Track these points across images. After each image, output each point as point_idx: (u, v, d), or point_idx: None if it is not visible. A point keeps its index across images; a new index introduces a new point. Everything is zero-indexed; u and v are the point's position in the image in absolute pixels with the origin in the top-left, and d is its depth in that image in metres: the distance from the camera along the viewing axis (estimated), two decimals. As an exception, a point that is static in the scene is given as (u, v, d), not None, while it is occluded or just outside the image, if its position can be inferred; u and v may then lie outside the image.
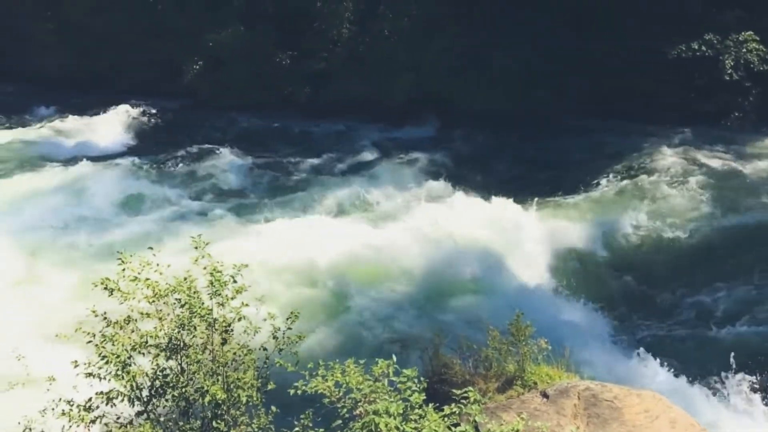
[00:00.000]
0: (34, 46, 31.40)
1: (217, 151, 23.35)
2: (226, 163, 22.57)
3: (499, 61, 24.73)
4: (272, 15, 28.06)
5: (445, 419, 5.28)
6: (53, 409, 6.90)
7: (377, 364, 5.79)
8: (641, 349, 12.41)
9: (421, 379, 5.63)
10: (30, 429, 6.92)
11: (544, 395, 8.53)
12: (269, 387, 7.32)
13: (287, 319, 7.58)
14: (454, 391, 5.50)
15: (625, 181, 20.07)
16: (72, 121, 26.48)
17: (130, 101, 27.70)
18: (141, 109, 27.27)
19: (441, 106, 25.38)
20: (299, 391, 5.90)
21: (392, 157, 22.07)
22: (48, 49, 30.99)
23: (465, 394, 5.38)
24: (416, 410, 5.30)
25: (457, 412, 5.32)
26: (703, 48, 23.72)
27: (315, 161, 22.65)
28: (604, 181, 20.11)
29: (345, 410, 5.54)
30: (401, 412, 5.22)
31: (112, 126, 25.79)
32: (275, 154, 23.41)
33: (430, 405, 5.41)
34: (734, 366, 11.59)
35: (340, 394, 5.66)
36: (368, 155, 22.63)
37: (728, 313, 14.04)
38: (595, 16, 24.00)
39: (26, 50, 31.58)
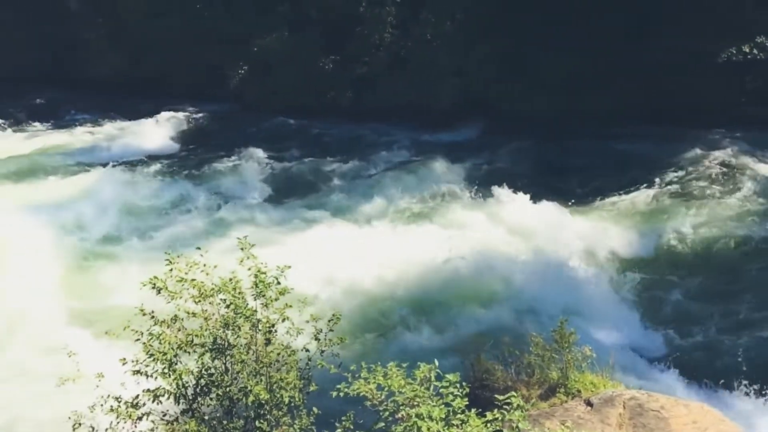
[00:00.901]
0: (86, 51, 32.35)
1: (261, 155, 23.66)
2: (270, 166, 22.86)
3: (544, 66, 24.47)
4: (316, 20, 28.36)
5: (488, 425, 5.23)
6: (102, 405, 7.07)
7: (419, 368, 5.77)
8: (689, 360, 12.10)
9: (464, 384, 5.59)
10: (79, 424, 7.08)
11: (588, 404, 8.38)
12: (311, 388, 7.37)
13: (329, 321, 7.64)
14: (497, 396, 5.44)
15: (672, 187, 19.62)
16: (122, 125, 27.19)
17: (178, 105, 28.31)
18: (188, 113, 27.84)
19: (485, 110, 25.21)
20: (341, 393, 5.91)
21: (435, 162, 21.98)
22: (100, 53, 31.89)
23: (508, 400, 5.31)
24: (458, 415, 5.26)
25: (499, 418, 5.26)
26: (755, 51, 23.10)
27: (357, 165, 22.72)
28: (650, 187, 19.68)
29: (387, 413, 5.53)
30: (443, 416, 5.19)
31: (161, 129, 26.39)
32: (318, 159, 23.57)
33: (473, 410, 5.36)
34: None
35: (382, 397, 5.65)
36: (411, 160, 22.60)
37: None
38: (643, 20, 23.55)
39: (79, 55, 32.56)
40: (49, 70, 32.84)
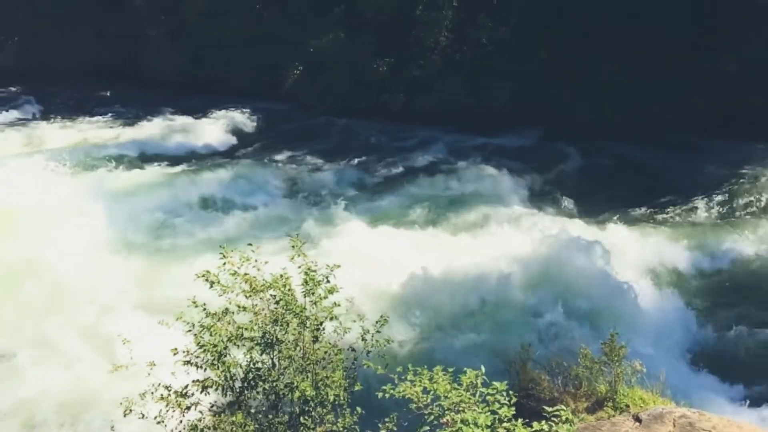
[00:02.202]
0: (150, 49, 33.29)
1: (312, 154, 23.92)
2: (321, 166, 23.09)
3: (606, 72, 24.04)
4: (372, 22, 28.53)
5: (534, 436, 5.14)
6: (152, 393, 7.23)
7: (465, 373, 5.72)
8: (744, 380, 11.69)
9: (511, 392, 5.52)
10: (130, 410, 7.26)
11: (637, 419, 8.17)
12: (356, 388, 7.40)
13: (376, 322, 7.66)
14: (545, 408, 5.35)
15: (735, 202, 18.97)
16: (180, 121, 27.85)
17: (235, 104, 28.85)
18: (244, 112, 28.35)
19: (540, 116, 24.90)
20: (387, 395, 5.90)
21: (487, 167, 21.81)
22: (162, 52, 32.78)
23: (556, 412, 5.22)
24: (504, 424, 5.19)
25: (546, 429, 5.17)
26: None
27: (409, 168, 22.74)
28: (712, 201, 19.08)
29: (432, 417, 5.50)
30: (489, 424, 5.13)
31: (217, 127, 26.95)
32: (368, 160, 23.68)
33: (519, 420, 5.29)
34: None
35: (428, 400, 5.62)
36: (462, 164, 22.47)
37: None
38: (713, 27, 22.87)
39: (142, 53, 33.54)
40: (113, 66, 33.90)
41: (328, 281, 7.65)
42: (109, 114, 29.39)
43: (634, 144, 22.73)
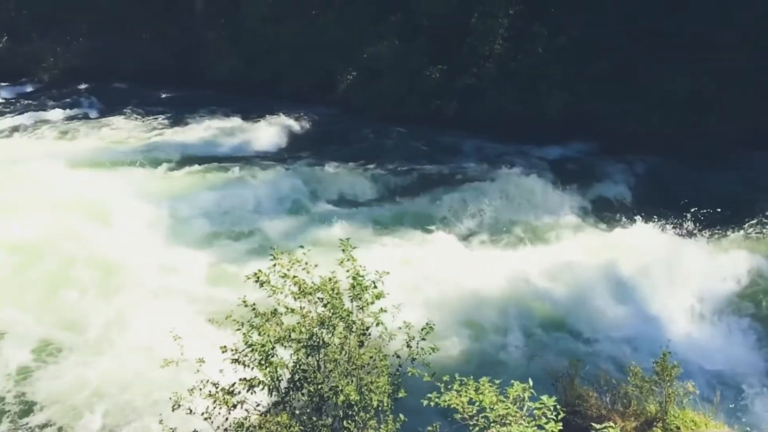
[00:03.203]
0: (208, 53, 34.08)
1: (362, 160, 24.03)
2: (370, 172, 23.14)
3: (663, 83, 23.48)
4: (427, 29, 28.55)
5: (581, 453, 5.05)
6: (200, 389, 7.38)
7: (512, 386, 5.66)
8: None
9: (559, 408, 5.42)
10: (179, 405, 7.41)
11: (688, 442, 7.93)
12: (400, 394, 7.39)
13: (422, 329, 7.65)
14: (593, 425, 5.25)
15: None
16: (235, 123, 28.40)
17: (289, 107, 29.24)
18: (298, 116, 28.67)
19: (596, 127, 24.46)
20: (432, 403, 5.88)
21: (540, 178, 21.52)
22: (220, 55, 33.52)
23: (604, 430, 5.11)
24: (551, 439, 5.11)
25: (595, 447, 5.06)
26: None
27: (459, 176, 22.59)
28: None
29: (477, 429, 5.46)
30: (535, 439, 5.06)
31: (271, 130, 27.33)
32: (419, 167, 23.63)
33: (566, 436, 5.20)
34: None
35: (473, 411, 5.58)
36: (514, 174, 22.24)
37: None
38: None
39: (201, 56, 34.36)
40: (171, 67, 34.78)
41: (376, 287, 7.68)
42: (166, 114, 30.13)
43: (694, 158, 22.07)
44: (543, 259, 15.50)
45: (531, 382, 5.66)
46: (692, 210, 18.19)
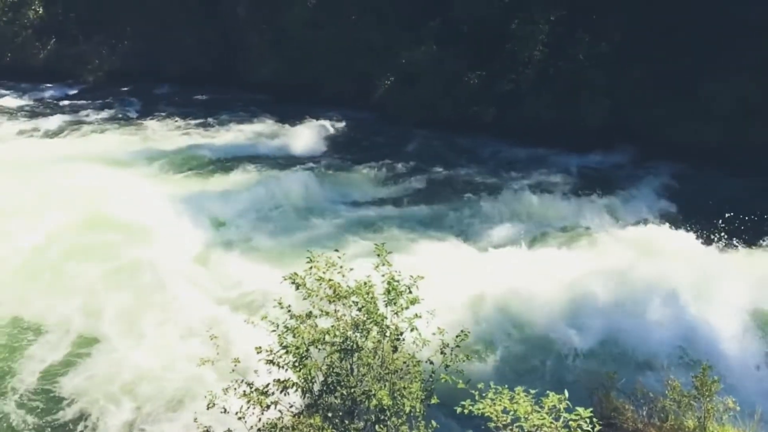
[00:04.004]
0: (249, 56, 34.55)
1: (400, 164, 24.07)
2: (406, 177, 23.16)
3: (708, 91, 23.00)
4: (466, 35, 28.49)
5: (617, 467, 4.96)
6: (235, 389, 7.46)
7: (548, 396, 5.59)
8: None
9: (595, 420, 5.34)
10: (213, 404, 7.50)
11: (728, 460, 7.73)
12: (433, 401, 7.36)
13: (456, 336, 7.61)
14: (630, 438, 5.14)
15: None
16: (275, 127, 28.74)
17: (327, 111, 29.46)
18: (335, 120, 28.88)
19: (638, 135, 24.05)
20: (465, 411, 5.84)
21: (580, 185, 21.24)
22: (262, 59, 33.96)
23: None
24: (587, 451, 5.03)
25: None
26: None
27: (495, 182, 22.45)
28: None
29: (510, 438, 5.40)
30: (571, 450, 4.98)
31: (309, 134, 27.57)
32: (456, 172, 23.58)
33: (601, 449, 5.11)
34: None
35: (508, 420, 5.53)
36: (552, 180, 21.99)
37: None
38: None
39: (242, 60, 34.86)
40: (213, 71, 35.36)
41: (411, 292, 7.68)
42: (206, 116, 30.63)
43: (741, 169, 21.52)
44: (580, 268, 15.27)
45: (567, 393, 5.58)
46: (736, 222, 17.74)
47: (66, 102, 33.81)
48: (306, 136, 27.26)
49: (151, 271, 15.60)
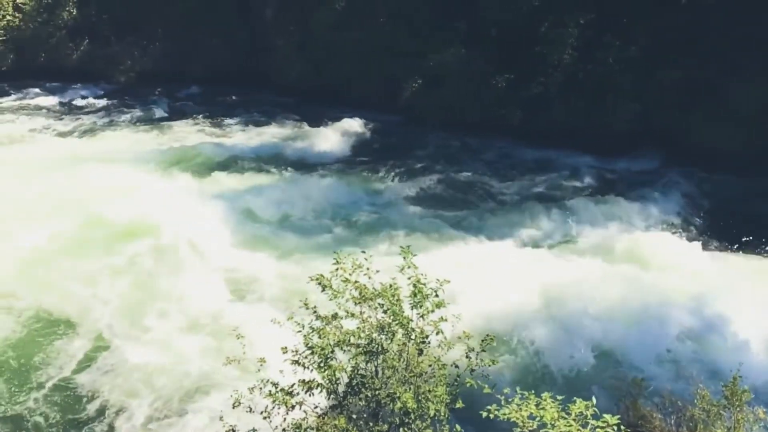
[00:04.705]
0: (277, 58, 34.75)
1: (425, 167, 24.05)
2: (432, 178, 23.13)
3: (738, 96, 22.60)
4: (494, 38, 28.33)
5: (645, 476, 4.89)
6: (261, 388, 7.50)
7: (575, 402, 5.52)
8: None
9: (623, 428, 5.26)
10: (239, 403, 7.55)
11: (758, 472, 7.57)
12: (457, 405, 7.32)
13: (482, 341, 7.56)
14: (658, 447, 5.07)
15: None
16: (301, 128, 28.89)
17: (353, 113, 29.48)
18: (362, 121, 28.89)
19: (666, 140, 23.73)
20: (491, 416, 5.80)
21: (606, 190, 21.01)
22: (289, 61, 34.13)
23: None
24: (614, 459, 4.96)
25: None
26: None
27: (522, 186, 22.34)
28: None
29: (537, 444, 5.35)
30: (598, 458, 4.92)
31: (335, 135, 27.65)
32: (481, 174, 23.49)
33: (629, 457, 5.03)
34: None
35: (534, 426, 5.48)
36: (580, 185, 21.79)
37: None
38: None
39: (269, 62, 35.07)
40: (240, 72, 35.61)
41: (437, 295, 7.65)
42: (233, 118, 30.89)
43: (762, 176, 21.14)
44: (606, 273, 15.11)
45: (594, 400, 5.51)
46: (763, 229, 17.44)
47: (98, 102, 34.32)
48: (332, 138, 27.35)
49: (176, 265, 15.84)
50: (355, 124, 28.65)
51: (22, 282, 15.41)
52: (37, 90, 35.58)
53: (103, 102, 34.13)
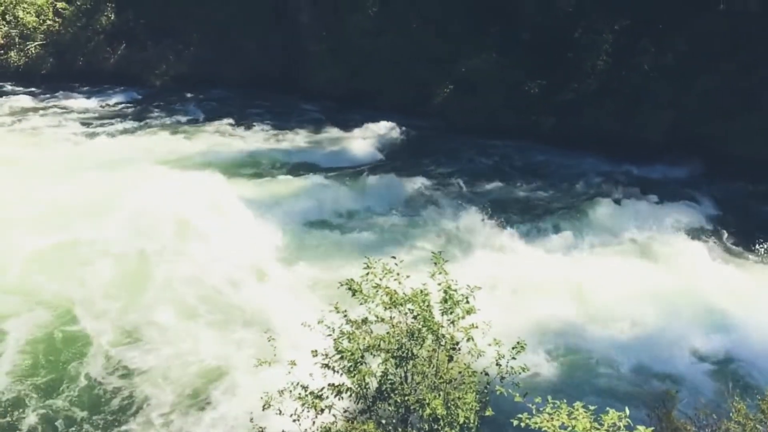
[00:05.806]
0: (310, 63, 35.03)
1: (456, 172, 23.98)
2: (463, 184, 23.04)
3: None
4: (527, 43, 28.18)
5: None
6: (290, 391, 7.56)
7: (608, 413, 5.45)
8: None
9: (657, 440, 5.18)
10: (269, 405, 7.61)
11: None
12: (487, 413, 7.29)
13: (512, 348, 7.52)
14: (693, 461, 4.97)
15: None
16: (333, 133, 29.05)
17: (384, 118, 29.54)
18: (394, 127, 28.91)
19: (703, 149, 23.31)
20: (522, 424, 5.76)
21: (641, 197, 20.71)
22: (322, 66, 34.37)
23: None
24: (647, 472, 4.88)
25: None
26: None
27: (555, 193, 22.14)
28: None
29: (568, 455, 5.29)
30: (630, 470, 4.85)
31: (367, 140, 27.75)
32: (512, 181, 23.34)
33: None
34: None
35: (565, 436, 5.42)
36: (613, 193, 21.49)
37: None
38: None
39: (302, 66, 35.37)
40: (273, 77, 35.96)
41: (468, 302, 7.63)
42: (266, 122, 31.15)
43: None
44: (641, 283, 14.89)
45: (628, 411, 5.44)
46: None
47: (134, 105, 34.96)
48: (363, 143, 27.45)
49: (209, 266, 16.02)
50: (386, 129, 28.70)
51: (59, 276, 15.77)
52: (75, 93, 36.37)
53: (139, 105, 34.76)
